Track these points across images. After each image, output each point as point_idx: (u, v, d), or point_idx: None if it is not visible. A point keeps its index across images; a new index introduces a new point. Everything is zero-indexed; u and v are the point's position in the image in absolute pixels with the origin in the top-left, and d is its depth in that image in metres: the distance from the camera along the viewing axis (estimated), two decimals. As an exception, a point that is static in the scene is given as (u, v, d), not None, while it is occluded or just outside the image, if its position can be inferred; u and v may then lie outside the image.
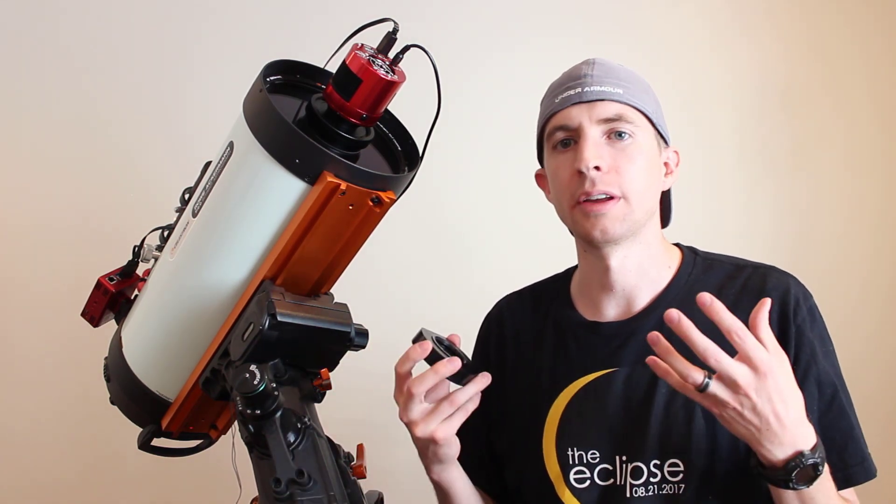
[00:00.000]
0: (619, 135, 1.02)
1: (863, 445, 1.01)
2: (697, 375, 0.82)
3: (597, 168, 1.00)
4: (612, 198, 1.01)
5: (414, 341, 0.96)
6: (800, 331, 1.01)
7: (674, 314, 0.83)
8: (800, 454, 0.85)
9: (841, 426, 1.00)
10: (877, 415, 1.75)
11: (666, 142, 1.09)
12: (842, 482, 0.98)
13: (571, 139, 1.04)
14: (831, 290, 1.77)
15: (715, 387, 0.82)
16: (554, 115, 1.05)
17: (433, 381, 0.94)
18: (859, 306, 1.81)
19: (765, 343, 0.83)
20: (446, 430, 0.95)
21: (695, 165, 1.79)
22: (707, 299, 0.83)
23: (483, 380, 0.98)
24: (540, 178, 1.16)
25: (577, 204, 1.02)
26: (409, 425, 0.96)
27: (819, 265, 1.80)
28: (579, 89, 1.04)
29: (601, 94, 1.03)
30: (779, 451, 0.85)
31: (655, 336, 0.85)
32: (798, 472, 0.85)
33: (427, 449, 0.99)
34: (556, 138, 1.05)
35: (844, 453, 1.00)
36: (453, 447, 1.00)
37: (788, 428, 0.84)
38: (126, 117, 1.76)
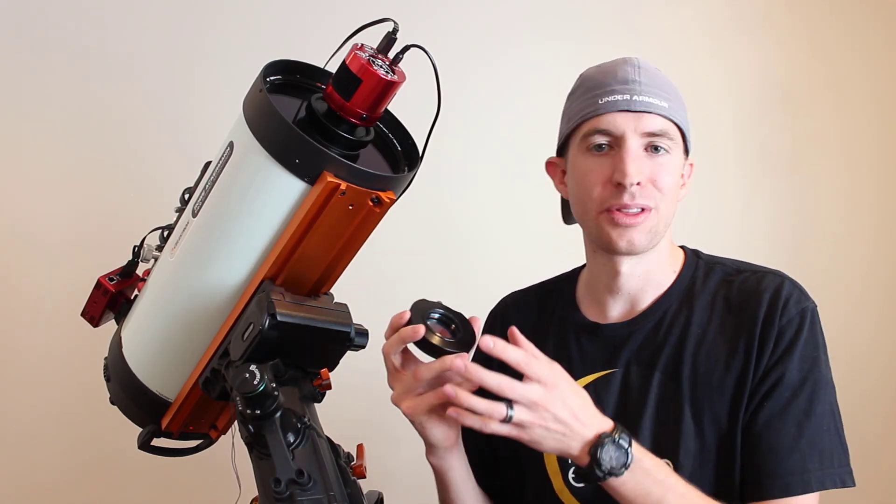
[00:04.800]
0: (656, 148, 1.03)
1: (807, 459, 0.97)
2: (501, 409, 0.85)
3: (637, 183, 1.01)
4: (644, 209, 1.02)
5: (411, 320, 0.91)
6: (781, 331, 1.01)
7: (488, 341, 0.87)
8: (598, 436, 0.88)
9: (788, 431, 0.98)
10: (876, 414, 1.75)
11: (688, 153, 1.10)
12: (778, 490, 0.97)
13: (609, 144, 1.03)
14: (830, 290, 1.77)
15: (518, 413, 0.86)
16: (596, 116, 1.03)
17: (439, 372, 0.90)
18: (859, 306, 1.81)
19: (536, 356, 0.89)
20: (411, 405, 0.92)
21: (695, 166, 1.80)
22: (489, 342, 0.87)
23: (453, 360, 0.88)
24: (552, 166, 1.15)
25: (606, 211, 1.02)
26: (399, 403, 0.94)
27: (818, 265, 1.80)
28: (627, 96, 1.02)
29: (649, 105, 1.02)
30: (586, 444, 0.89)
31: (451, 389, 0.87)
32: (601, 450, 0.88)
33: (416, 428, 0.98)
34: (594, 141, 1.03)
35: (782, 460, 0.98)
36: (436, 432, 0.97)
37: (586, 421, 0.89)
38: (126, 117, 1.75)
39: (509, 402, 0.86)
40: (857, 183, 1.85)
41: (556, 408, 0.87)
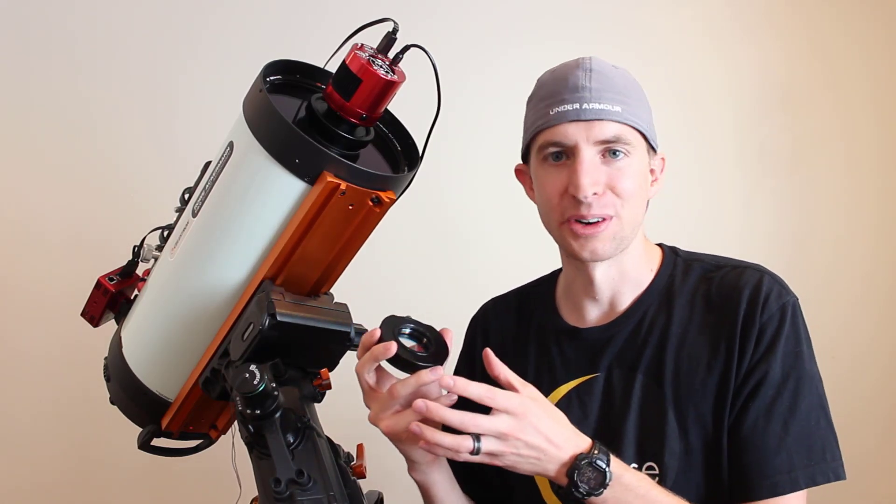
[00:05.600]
0: (614, 153, 1.00)
1: (794, 457, 0.96)
2: (467, 443, 0.84)
3: (594, 193, 0.99)
4: (605, 219, 1.00)
5: (382, 338, 0.89)
6: (762, 328, 0.99)
7: (448, 382, 0.85)
8: (574, 458, 0.87)
9: (773, 430, 0.97)
10: (877, 414, 1.75)
11: (654, 150, 1.07)
12: (766, 490, 0.96)
13: (564, 154, 1.01)
14: (831, 290, 1.77)
15: (486, 444, 0.84)
16: (548, 128, 1.01)
17: (414, 388, 0.88)
18: (859, 306, 1.81)
19: (511, 383, 0.88)
20: (390, 424, 0.90)
21: (695, 166, 1.80)
22: (449, 382, 0.85)
23: (427, 375, 0.88)
24: (520, 173, 1.14)
25: (567, 222, 1.01)
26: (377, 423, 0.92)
27: (818, 265, 1.80)
28: (577, 105, 0.99)
29: (600, 112, 0.99)
30: (562, 466, 0.88)
31: (416, 427, 0.85)
32: (578, 472, 0.87)
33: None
34: (548, 152, 1.02)
35: (769, 459, 0.96)
36: (416, 448, 0.94)
37: (560, 444, 0.87)
38: (126, 117, 1.76)
39: (475, 435, 0.84)
40: (857, 183, 1.84)
41: (526, 435, 0.85)
